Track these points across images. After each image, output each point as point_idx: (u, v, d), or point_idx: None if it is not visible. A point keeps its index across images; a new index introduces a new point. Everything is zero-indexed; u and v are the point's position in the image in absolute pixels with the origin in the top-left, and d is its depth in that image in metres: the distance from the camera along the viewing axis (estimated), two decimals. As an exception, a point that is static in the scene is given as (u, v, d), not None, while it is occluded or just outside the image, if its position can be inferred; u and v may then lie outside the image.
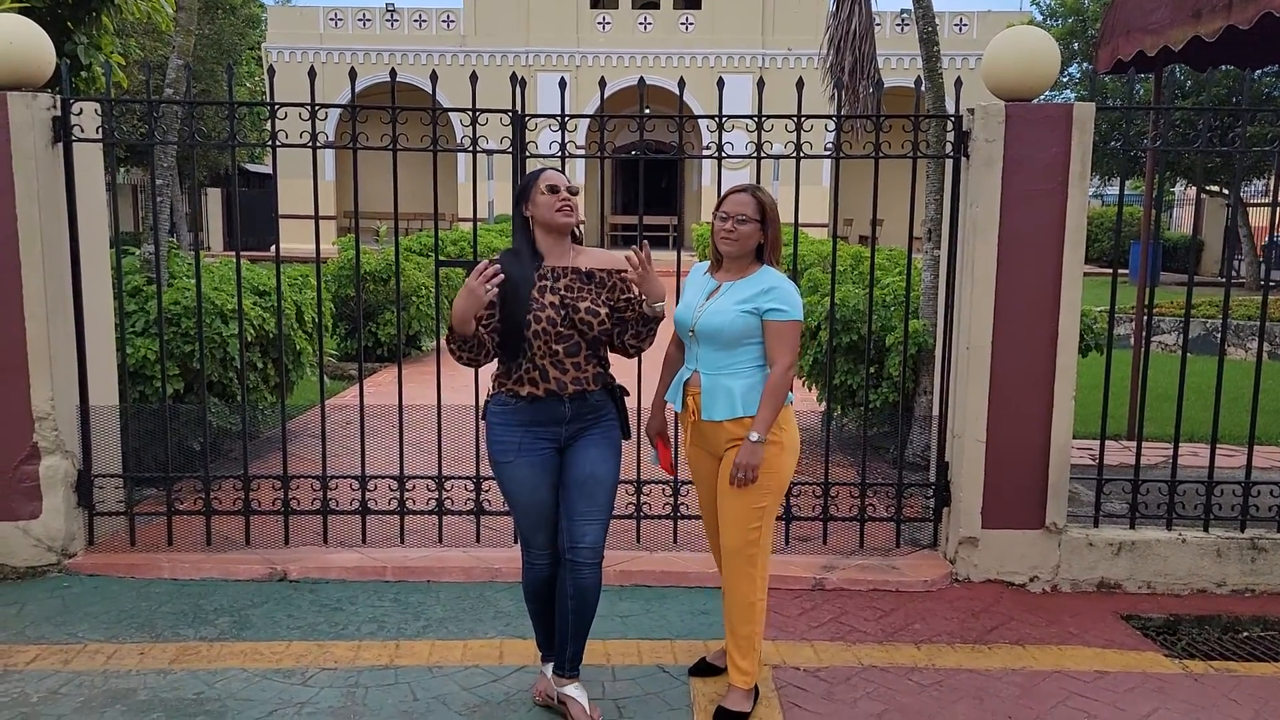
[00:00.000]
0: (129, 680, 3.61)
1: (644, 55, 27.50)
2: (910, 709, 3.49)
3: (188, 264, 6.40)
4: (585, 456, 3.26)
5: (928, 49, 6.29)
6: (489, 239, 15.45)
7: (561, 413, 3.23)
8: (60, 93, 4.55)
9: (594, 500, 3.25)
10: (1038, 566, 4.62)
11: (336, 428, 6.59)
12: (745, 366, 3.26)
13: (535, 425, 3.23)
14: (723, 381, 3.26)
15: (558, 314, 3.16)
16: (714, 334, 3.25)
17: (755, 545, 3.29)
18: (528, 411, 3.22)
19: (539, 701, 3.44)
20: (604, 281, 3.29)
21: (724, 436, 3.28)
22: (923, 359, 5.98)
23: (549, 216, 3.21)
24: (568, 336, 3.18)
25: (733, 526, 3.28)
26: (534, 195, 3.23)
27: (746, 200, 3.27)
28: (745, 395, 3.24)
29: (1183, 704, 3.56)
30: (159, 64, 11.53)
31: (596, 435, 3.30)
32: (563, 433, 3.25)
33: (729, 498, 3.28)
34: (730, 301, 3.26)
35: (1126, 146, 4.63)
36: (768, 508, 3.28)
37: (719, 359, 3.27)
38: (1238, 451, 6.23)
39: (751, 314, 3.22)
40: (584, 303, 3.20)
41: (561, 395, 3.20)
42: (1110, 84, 18.13)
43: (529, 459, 3.23)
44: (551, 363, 3.18)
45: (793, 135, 4.60)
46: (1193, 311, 4.90)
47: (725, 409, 3.25)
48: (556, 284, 3.21)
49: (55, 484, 4.58)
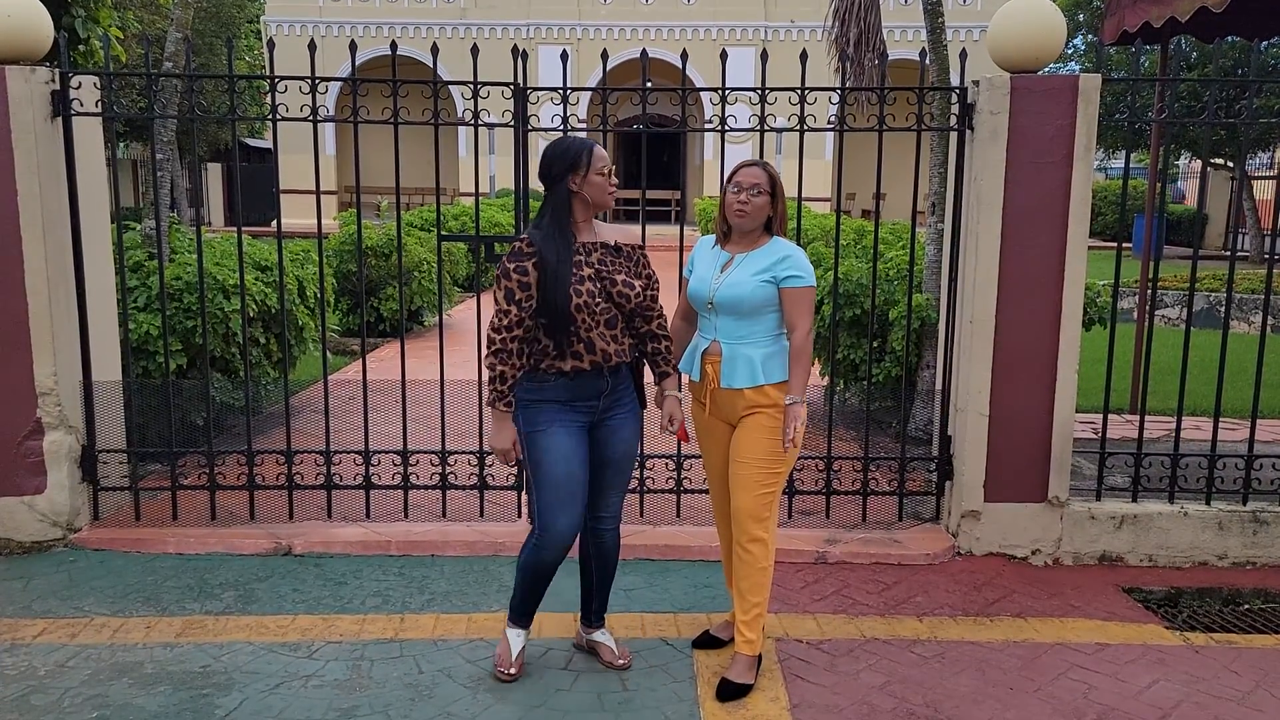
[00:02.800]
0: (135, 654, 3.63)
1: (646, 27, 27.29)
2: (912, 681, 3.51)
3: (189, 239, 6.39)
4: (620, 435, 3.36)
5: (933, 20, 6.24)
6: (491, 213, 15.41)
7: (601, 385, 3.26)
8: (59, 66, 4.52)
9: (623, 474, 3.44)
10: (1040, 540, 4.63)
11: (339, 403, 6.60)
12: (764, 335, 3.33)
13: (573, 401, 3.24)
14: (743, 350, 3.32)
15: (596, 287, 3.18)
16: (734, 304, 3.31)
17: (768, 508, 3.35)
18: (567, 388, 3.22)
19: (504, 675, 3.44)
20: (630, 255, 3.34)
21: (741, 404, 3.34)
22: (926, 333, 5.97)
23: (601, 197, 3.22)
24: (607, 309, 3.21)
25: (748, 490, 3.32)
26: (589, 173, 3.18)
27: (759, 173, 3.34)
28: (766, 363, 3.31)
29: (1183, 675, 3.58)
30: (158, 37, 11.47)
31: (626, 413, 3.37)
32: (598, 406, 3.28)
33: (746, 463, 3.32)
34: (747, 273, 3.32)
35: (1132, 119, 4.60)
36: (782, 473, 3.37)
37: (739, 328, 3.33)
38: (1240, 425, 6.24)
39: (769, 283, 3.29)
40: (620, 276, 3.24)
41: (604, 367, 3.23)
42: (1116, 56, 18.00)
43: (565, 430, 3.24)
44: (598, 334, 3.20)
45: (796, 108, 4.56)
46: (1196, 285, 4.88)
47: (746, 377, 3.30)
48: (590, 259, 3.22)
49: (59, 459, 4.59)
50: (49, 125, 4.49)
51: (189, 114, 4.74)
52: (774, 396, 3.30)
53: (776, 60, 5.31)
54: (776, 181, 3.36)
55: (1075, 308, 4.50)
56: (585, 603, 3.61)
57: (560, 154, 3.20)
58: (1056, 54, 4.43)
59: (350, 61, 4.74)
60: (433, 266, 10.75)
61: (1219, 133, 17.71)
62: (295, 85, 4.60)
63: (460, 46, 19.72)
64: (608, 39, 26.95)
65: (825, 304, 6.15)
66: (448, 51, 8.26)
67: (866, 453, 4.88)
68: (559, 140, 3.29)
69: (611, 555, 3.51)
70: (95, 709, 3.25)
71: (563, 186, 3.20)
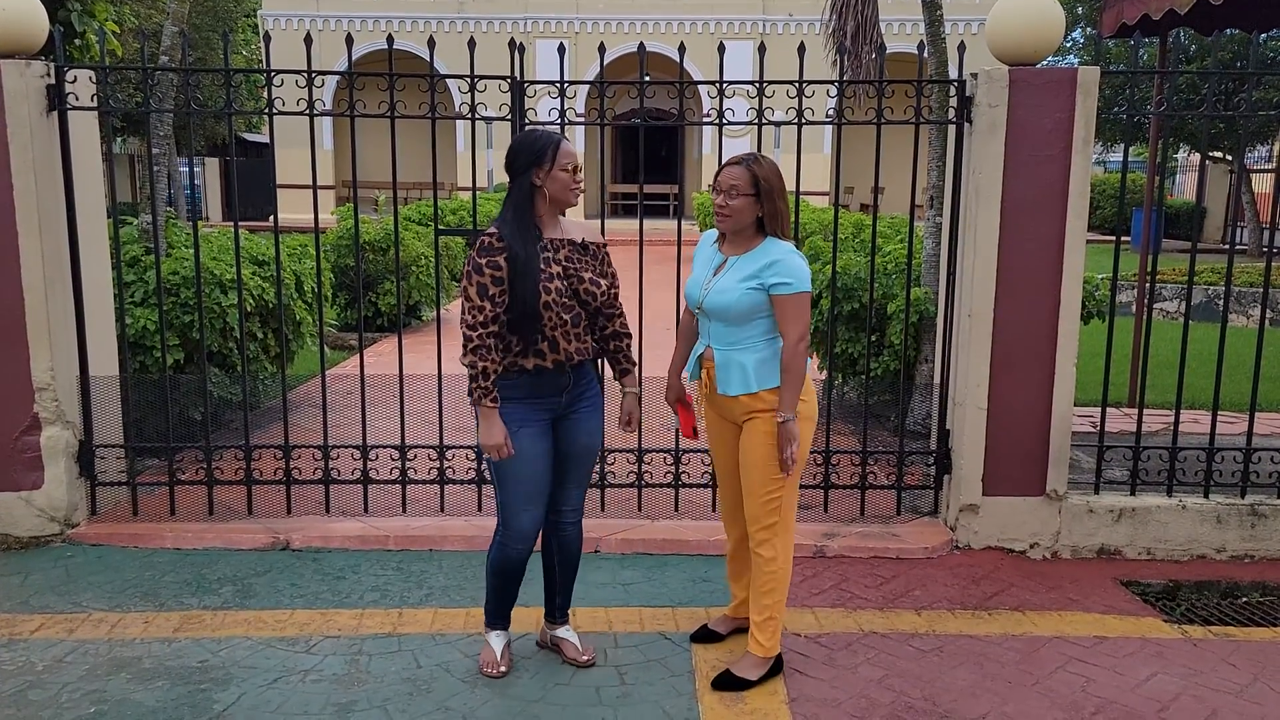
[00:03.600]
0: (133, 649, 3.63)
1: (644, 21, 27.20)
2: (911, 674, 3.51)
3: (186, 234, 6.37)
4: (583, 428, 3.36)
5: (931, 13, 6.21)
6: (488, 208, 15.38)
7: (564, 382, 3.25)
8: (54, 61, 4.51)
9: (585, 467, 3.44)
10: (1038, 533, 4.63)
11: (337, 398, 6.59)
12: (756, 340, 3.23)
13: (536, 398, 3.23)
14: (735, 357, 3.25)
15: (563, 284, 3.16)
16: (721, 311, 3.23)
17: (774, 513, 3.29)
18: (530, 385, 3.21)
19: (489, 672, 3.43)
20: (595, 253, 3.32)
21: (739, 409, 3.28)
22: (924, 327, 5.96)
23: (564, 194, 3.18)
24: (571, 307, 3.19)
25: (752, 495, 3.30)
26: (553, 169, 3.13)
27: (739, 173, 3.19)
28: (758, 370, 3.22)
29: (1181, 668, 3.58)
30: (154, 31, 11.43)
31: (589, 406, 3.36)
32: (561, 402, 3.27)
33: (751, 468, 3.28)
34: (735, 279, 3.22)
35: (1131, 112, 4.59)
36: (783, 477, 3.28)
37: (729, 334, 3.26)
38: (1239, 418, 6.24)
39: (757, 289, 3.17)
40: (586, 273, 3.22)
41: (566, 365, 3.21)
42: (1115, 49, 17.97)
43: (530, 430, 3.22)
44: (561, 333, 3.18)
45: (794, 101, 4.55)
46: (1195, 279, 4.89)
47: (739, 384, 3.24)
48: (557, 255, 3.20)
49: (57, 454, 4.58)
50: (44, 120, 4.47)
51: (185, 109, 4.73)
52: (770, 401, 3.22)
53: (774, 53, 5.29)
54: (761, 180, 3.17)
55: (1074, 301, 4.50)
56: (549, 598, 3.59)
57: (525, 147, 3.15)
58: (1055, 46, 4.42)
59: (347, 55, 4.72)
60: (430, 261, 10.75)
61: (1218, 126, 17.69)
62: (292, 79, 4.59)
63: (457, 40, 19.65)
64: (605, 32, 26.88)
65: (824, 298, 6.14)
66: (444, 45, 8.23)
67: (865, 447, 4.87)
68: (527, 132, 3.24)
69: (574, 549, 3.50)
70: (93, 704, 3.25)
71: (525, 180, 3.15)
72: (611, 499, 4.93)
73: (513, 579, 3.40)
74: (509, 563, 3.35)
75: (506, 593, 3.44)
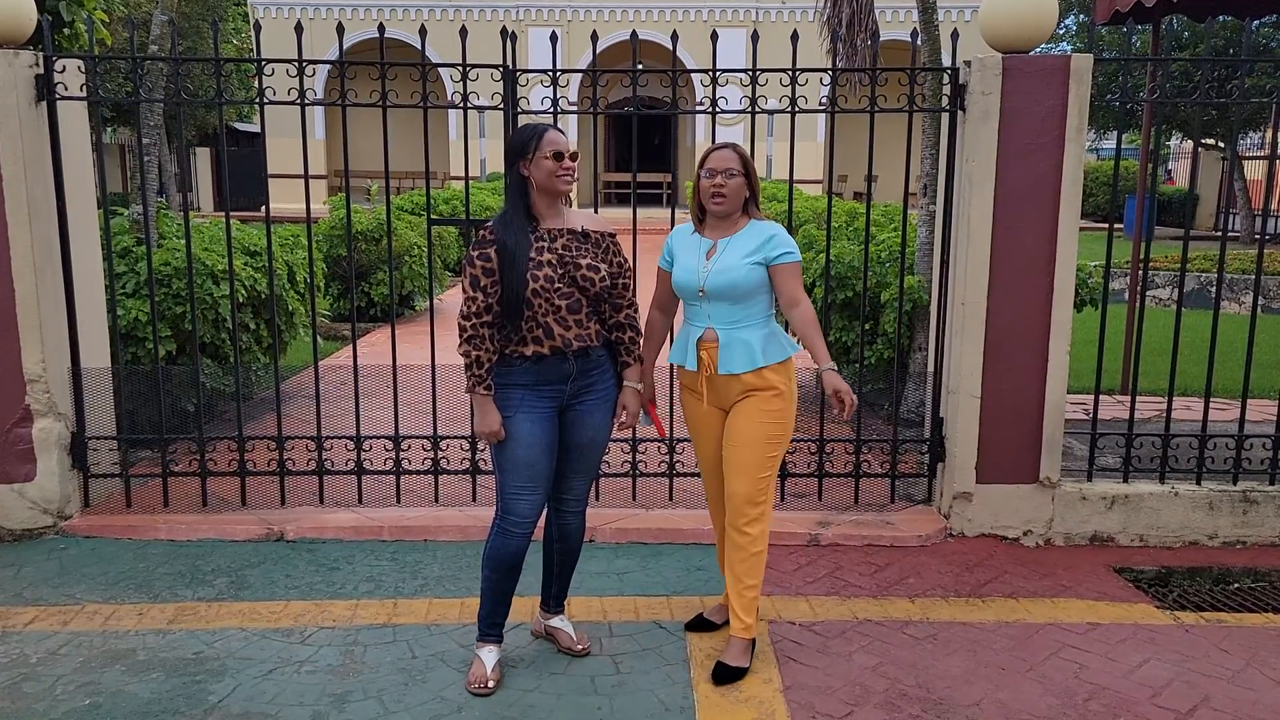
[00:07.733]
0: (128, 640, 3.62)
1: (636, 9, 27.10)
2: (905, 662, 3.52)
3: (177, 224, 6.34)
4: (590, 421, 3.34)
5: (924, 1, 6.20)
6: (481, 197, 15.34)
7: (566, 370, 3.23)
8: (43, 50, 4.47)
9: (590, 459, 3.42)
10: (1031, 520, 4.64)
11: (330, 388, 6.58)
12: (758, 317, 3.34)
13: (540, 385, 3.22)
14: (740, 335, 3.31)
15: (555, 271, 3.15)
16: (728, 290, 3.29)
17: (765, 492, 3.35)
18: (532, 372, 3.20)
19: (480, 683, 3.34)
20: (599, 242, 3.31)
21: (737, 389, 3.33)
22: (918, 315, 5.97)
23: (549, 182, 3.18)
24: (568, 294, 3.18)
25: (746, 474, 3.32)
26: (537, 158, 3.16)
27: (730, 155, 3.33)
28: (764, 346, 3.31)
29: (1174, 654, 3.60)
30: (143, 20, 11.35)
31: (598, 398, 3.33)
32: (566, 390, 3.26)
33: (743, 447, 3.31)
34: (736, 257, 3.30)
35: (1124, 99, 4.58)
36: (778, 456, 3.37)
37: (733, 313, 3.32)
38: (1231, 405, 6.27)
39: (759, 264, 3.29)
40: (584, 259, 3.21)
41: (566, 352, 3.21)
42: (1108, 36, 17.97)
43: (529, 415, 3.22)
44: (555, 320, 3.17)
45: (787, 89, 4.54)
46: (1188, 266, 4.90)
47: (745, 361, 3.29)
48: (554, 244, 3.20)
49: (49, 446, 4.57)
50: (33, 110, 4.45)
51: (175, 98, 4.70)
52: (770, 379, 3.30)
53: (768, 41, 5.27)
54: (747, 160, 3.36)
55: (1067, 289, 4.50)
56: (545, 587, 3.60)
57: (513, 140, 3.24)
58: (1048, 34, 4.41)
59: (338, 44, 4.70)
60: (423, 251, 10.71)
61: (1210, 113, 17.70)
62: (283, 68, 4.56)
63: (449, 28, 19.60)
64: (598, 20, 26.76)
65: (817, 286, 6.14)
66: (436, 33, 8.19)
67: (859, 435, 4.88)
68: (521, 126, 3.32)
69: (575, 539, 3.51)
70: (87, 696, 3.25)
71: (515, 171, 3.21)
72: (606, 488, 4.94)
73: (509, 572, 3.35)
74: (506, 551, 3.31)
75: (501, 590, 3.37)
